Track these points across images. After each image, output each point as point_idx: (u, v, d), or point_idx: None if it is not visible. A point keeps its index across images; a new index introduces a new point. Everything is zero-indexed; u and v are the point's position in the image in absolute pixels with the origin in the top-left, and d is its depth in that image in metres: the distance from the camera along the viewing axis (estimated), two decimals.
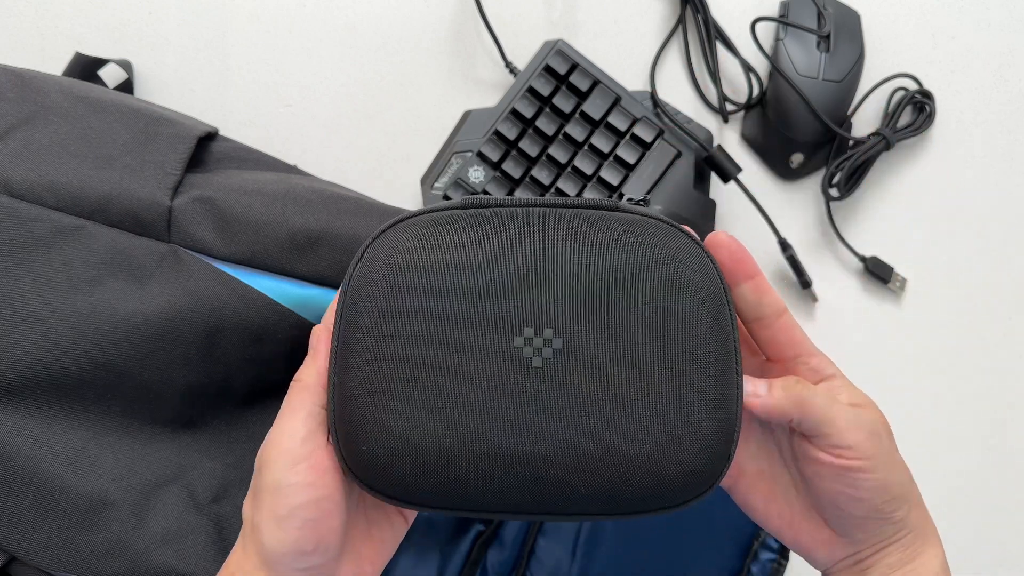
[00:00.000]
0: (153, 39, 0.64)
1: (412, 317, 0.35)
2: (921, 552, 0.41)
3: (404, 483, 0.35)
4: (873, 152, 0.62)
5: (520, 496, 0.35)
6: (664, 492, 0.35)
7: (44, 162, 0.45)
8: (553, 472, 0.35)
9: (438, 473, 0.35)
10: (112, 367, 0.44)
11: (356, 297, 0.36)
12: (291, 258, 0.48)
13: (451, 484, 0.35)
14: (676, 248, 0.36)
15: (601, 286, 0.35)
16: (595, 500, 0.35)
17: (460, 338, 0.35)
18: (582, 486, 0.35)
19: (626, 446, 0.35)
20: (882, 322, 0.64)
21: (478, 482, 0.35)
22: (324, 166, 0.60)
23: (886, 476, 0.38)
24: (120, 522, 0.45)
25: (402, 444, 0.35)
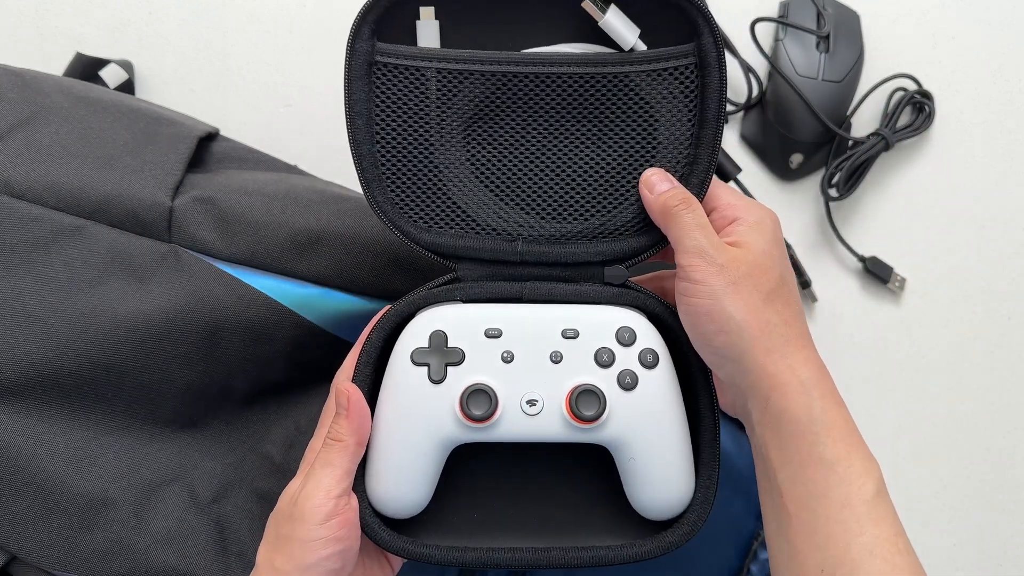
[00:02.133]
0: (154, 39, 0.64)
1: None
2: (777, 404, 0.40)
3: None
4: (872, 152, 0.62)
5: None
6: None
7: (45, 162, 0.46)
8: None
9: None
10: (113, 367, 0.45)
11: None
12: (291, 258, 0.48)
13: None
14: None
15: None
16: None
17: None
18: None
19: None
20: (882, 322, 0.64)
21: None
22: (324, 166, 0.60)
23: (715, 305, 0.40)
24: (121, 522, 0.45)
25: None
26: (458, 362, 0.42)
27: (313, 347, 0.49)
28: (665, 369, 0.43)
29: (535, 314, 0.43)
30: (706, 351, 0.42)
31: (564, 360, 0.42)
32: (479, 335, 0.42)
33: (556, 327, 0.43)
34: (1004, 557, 0.64)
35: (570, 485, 0.46)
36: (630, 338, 0.43)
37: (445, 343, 0.42)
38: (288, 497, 0.40)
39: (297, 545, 0.39)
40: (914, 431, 0.64)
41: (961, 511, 0.64)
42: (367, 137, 0.42)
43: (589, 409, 0.41)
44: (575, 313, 0.43)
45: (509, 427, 0.42)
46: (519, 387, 0.42)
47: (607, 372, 0.42)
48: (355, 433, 0.41)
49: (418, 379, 0.42)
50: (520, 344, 0.42)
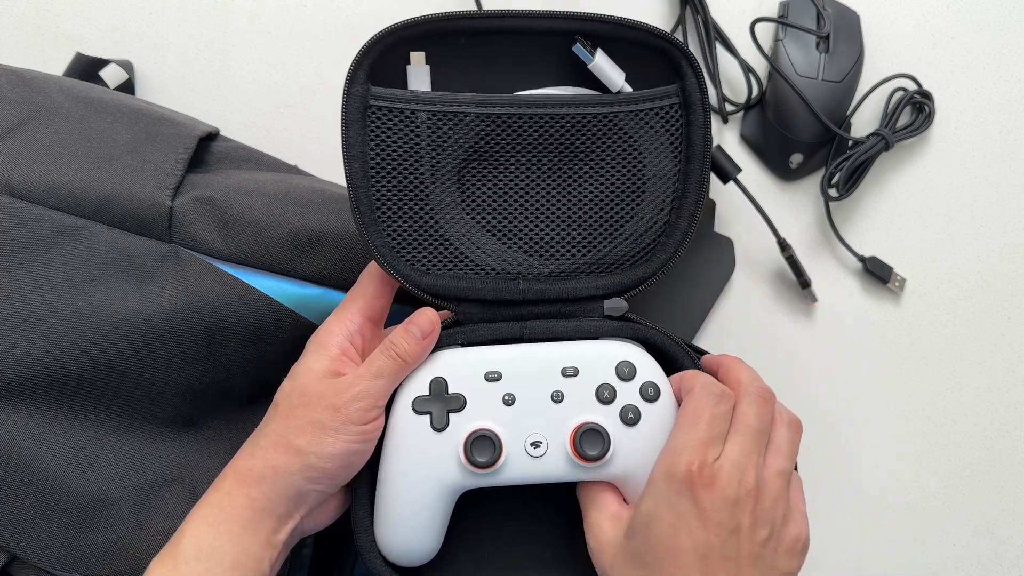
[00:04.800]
0: (154, 39, 0.64)
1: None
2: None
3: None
4: (872, 152, 0.62)
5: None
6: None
7: (45, 162, 0.46)
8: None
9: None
10: (113, 367, 0.45)
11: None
12: (292, 258, 0.48)
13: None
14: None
15: None
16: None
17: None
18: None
19: None
20: (881, 322, 0.64)
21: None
22: (324, 166, 0.60)
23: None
24: (121, 521, 0.45)
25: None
26: (460, 408, 0.42)
27: None
28: (667, 401, 0.43)
29: (534, 354, 0.43)
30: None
31: (565, 399, 0.42)
32: (479, 379, 0.43)
33: (556, 366, 0.43)
34: (1004, 557, 0.64)
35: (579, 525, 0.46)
36: (630, 372, 0.43)
37: (446, 390, 0.42)
38: (330, 384, 0.41)
39: (330, 434, 0.40)
40: (914, 431, 0.64)
41: (961, 511, 0.64)
42: (363, 181, 0.43)
43: (593, 448, 0.41)
44: (573, 350, 0.43)
45: (515, 470, 0.42)
46: (522, 429, 0.42)
47: (609, 408, 0.42)
48: (418, 358, 0.42)
49: (421, 428, 0.42)
50: (521, 386, 0.43)
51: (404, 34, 0.42)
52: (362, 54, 0.42)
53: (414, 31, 0.42)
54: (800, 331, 0.64)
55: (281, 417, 0.41)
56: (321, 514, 0.44)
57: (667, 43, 0.43)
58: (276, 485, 0.40)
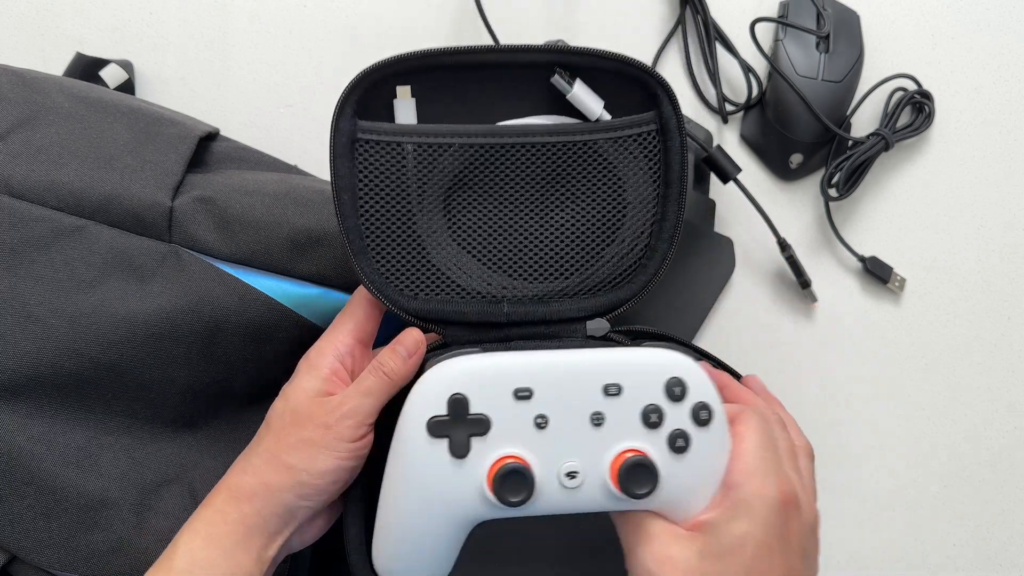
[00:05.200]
0: (154, 39, 0.64)
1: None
2: None
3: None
4: (872, 152, 0.62)
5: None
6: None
7: (45, 162, 0.45)
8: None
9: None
10: (113, 367, 0.45)
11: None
12: (292, 258, 0.48)
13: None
14: None
15: None
16: None
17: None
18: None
19: None
20: (881, 322, 0.64)
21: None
22: (324, 166, 0.60)
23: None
24: (122, 521, 0.45)
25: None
26: (484, 432, 0.38)
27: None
28: (719, 425, 0.38)
29: (571, 367, 0.38)
30: None
31: (606, 422, 0.38)
32: (507, 397, 0.38)
33: (596, 383, 0.38)
34: (1004, 557, 0.64)
35: (588, 549, 0.46)
36: (681, 392, 0.38)
37: (467, 410, 0.38)
38: (321, 404, 0.41)
39: (322, 451, 0.40)
40: (914, 431, 0.64)
41: (961, 511, 0.64)
42: (352, 211, 0.44)
43: (642, 487, 0.37)
44: (616, 362, 0.39)
45: (545, 502, 0.38)
46: (556, 457, 0.37)
47: (656, 434, 0.38)
48: (405, 377, 0.42)
49: (437, 454, 0.37)
50: (555, 406, 0.38)
51: (389, 71, 0.43)
52: (348, 90, 0.43)
53: (399, 67, 0.43)
54: (800, 331, 0.64)
55: (273, 436, 0.42)
56: (308, 531, 0.44)
57: (643, 73, 0.44)
58: (268, 502, 0.40)
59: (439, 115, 0.45)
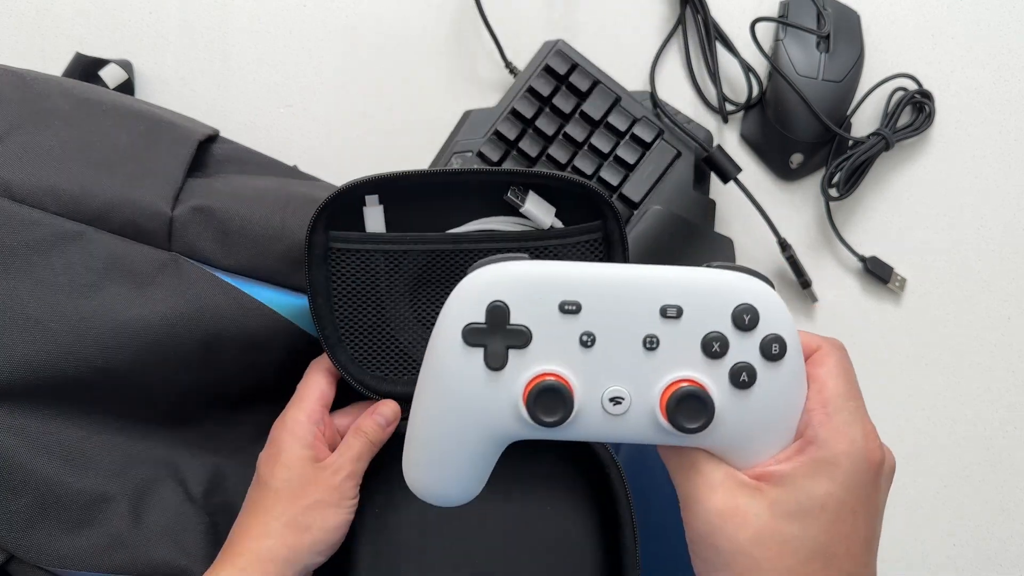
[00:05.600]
0: (153, 39, 0.64)
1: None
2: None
3: None
4: (873, 152, 0.62)
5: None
6: None
7: (45, 166, 0.45)
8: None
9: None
10: (111, 371, 0.45)
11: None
12: (290, 270, 0.49)
13: None
14: None
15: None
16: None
17: None
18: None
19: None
20: (882, 322, 0.64)
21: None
22: (324, 166, 0.60)
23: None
24: (118, 517, 0.45)
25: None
26: (523, 345, 0.34)
27: (308, 356, 0.50)
28: (793, 362, 0.34)
29: (626, 283, 0.34)
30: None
31: (661, 347, 0.33)
32: (551, 309, 0.34)
33: (654, 302, 0.33)
34: (1004, 557, 0.63)
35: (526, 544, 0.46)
36: (751, 321, 0.33)
37: (507, 319, 0.34)
38: (323, 469, 0.46)
39: (332, 510, 0.46)
40: (914, 431, 0.64)
41: (961, 511, 0.64)
42: (327, 311, 0.49)
43: (693, 420, 0.33)
44: (679, 282, 0.34)
45: (585, 427, 0.34)
46: (601, 379, 0.34)
47: (717, 365, 0.33)
48: (383, 440, 0.48)
49: (471, 363, 0.34)
50: (605, 324, 0.34)
51: (360, 191, 0.48)
52: (320, 209, 0.47)
53: (367, 188, 0.48)
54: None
55: (287, 501, 0.45)
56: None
57: (589, 191, 0.48)
58: (290, 560, 0.44)
59: (405, 219, 0.49)
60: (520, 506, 0.51)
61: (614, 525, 0.50)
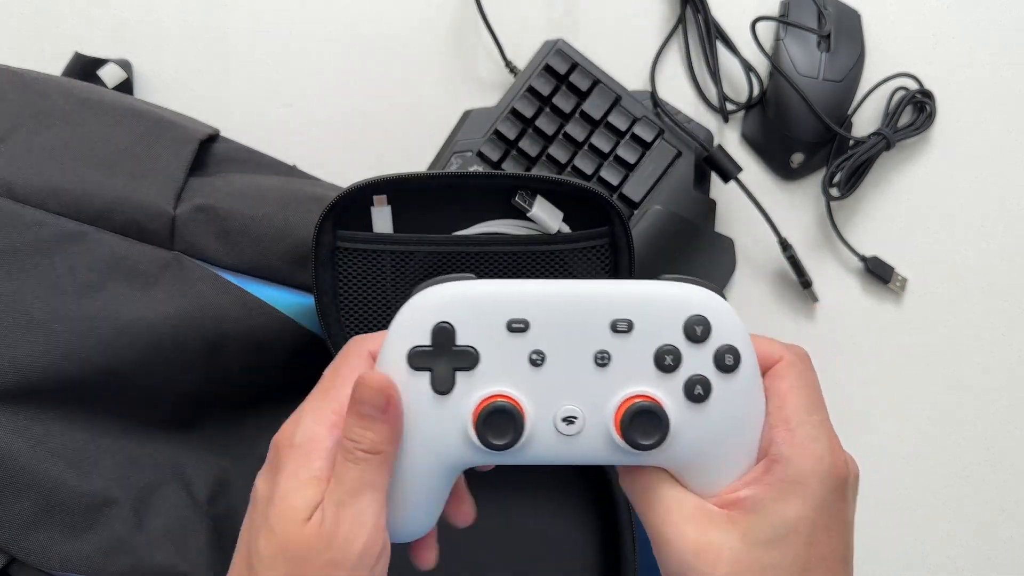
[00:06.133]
0: (153, 39, 0.64)
1: None
2: None
3: None
4: (873, 152, 0.62)
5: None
6: None
7: (47, 166, 0.45)
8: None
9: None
10: (115, 372, 0.44)
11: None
12: (293, 269, 0.49)
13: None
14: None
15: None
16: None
17: None
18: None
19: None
20: (883, 322, 0.64)
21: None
22: (324, 166, 0.60)
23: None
24: (121, 520, 0.45)
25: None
26: (470, 366, 0.33)
27: (312, 355, 0.50)
28: (748, 372, 0.33)
29: (574, 299, 0.33)
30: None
31: (613, 363, 0.33)
32: (499, 329, 0.33)
33: (604, 317, 0.33)
34: (1004, 557, 0.64)
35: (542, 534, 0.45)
36: (703, 332, 0.33)
37: (453, 341, 0.33)
38: (310, 537, 0.31)
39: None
40: (914, 431, 0.64)
41: (961, 511, 0.64)
42: (333, 310, 0.48)
43: (647, 436, 0.32)
44: (629, 296, 0.33)
45: (539, 450, 0.33)
46: (552, 400, 0.33)
47: (671, 378, 0.33)
48: (394, 442, 0.33)
49: (417, 388, 0.33)
50: (554, 341, 0.33)
51: (368, 192, 0.47)
52: (328, 209, 0.46)
53: (376, 188, 0.47)
54: (801, 331, 0.64)
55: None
56: None
57: (598, 197, 0.48)
58: None
59: (413, 219, 0.49)
60: (519, 513, 0.51)
61: (613, 533, 0.50)
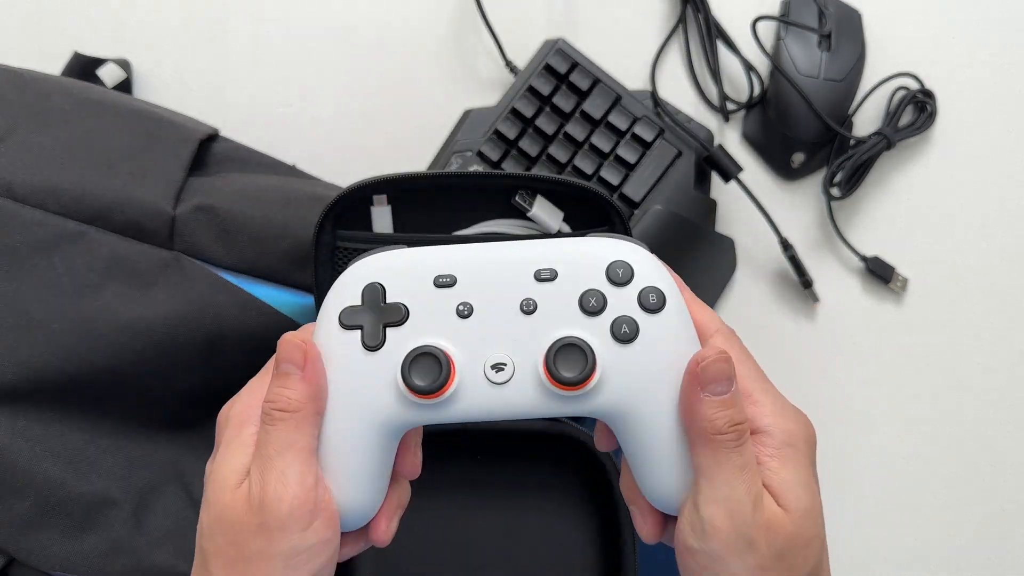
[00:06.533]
0: (152, 38, 0.64)
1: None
2: None
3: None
4: (874, 151, 0.62)
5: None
6: None
7: (46, 166, 0.45)
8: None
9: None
10: (114, 372, 0.44)
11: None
12: (292, 268, 0.49)
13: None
14: None
15: None
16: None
17: None
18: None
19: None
20: (883, 322, 0.64)
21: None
22: (323, 166, 0.60)
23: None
24: (121, 521, 0.45)
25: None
26: (400, 321, 0.33)
27: None
28: (674, 311, 0.33)
29: (499, 254, 0.34)
30: None
31: (539, 309, 0.33)
32: (426, 285, 0.34)
33: (528, 268, 0.33)
34: (1004, 557, 0.63)
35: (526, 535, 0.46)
36: (625, 275, 0.33)
37: (383, 298, 0.33)
38: (239, 503, 0.31)
39: (279, 563, 0.30)
40: (915, 431, 0.64)
41: (961, 511, 0.64)
42: None
43: (571, 369, 0.32)
44: (551, 249, 0.34)
45: (470, 402, 0.33)
46: (481, 349, 0.33)
47: (596, 321, 0.33)
48: (314, 399, 0.32)
49: (348, 346, 0.33)
50: (481, 293, 0.33)
51: (369, 191, 0.47)
52: (329, 208, 0.46)
53: (376, 188, 0.47)
54: (801, 331, 0.64)
55: (217, 565, 0.31)
56: None
57: (596, 196, 0.47)
58: None
59: (413, 219, 0.49)
60: (519, 514, 0.51)
61: (613, 533, 0.50)
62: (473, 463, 0.51)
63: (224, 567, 0.31)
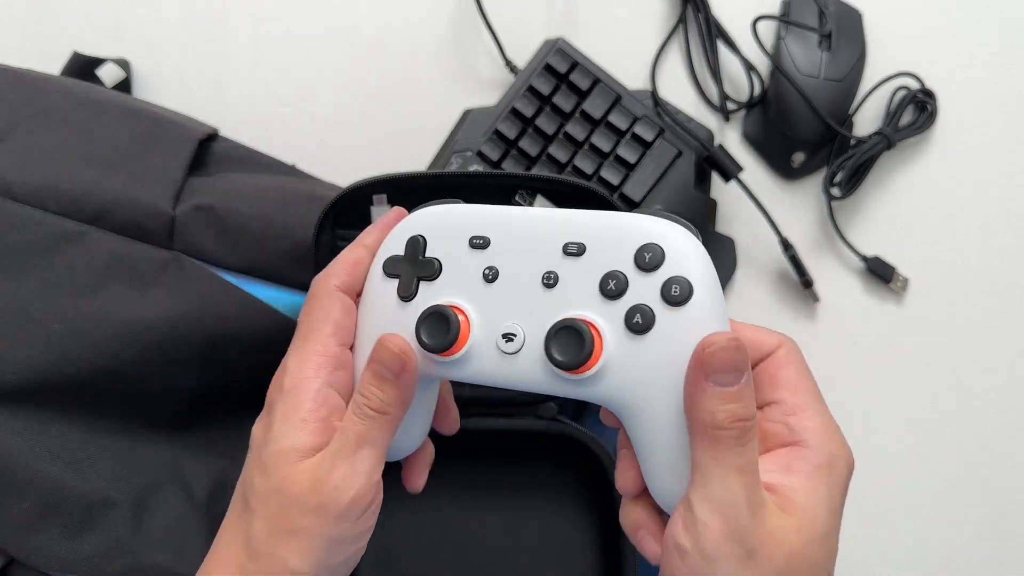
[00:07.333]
0: (152, 38, 0.64)
1: None
2: None
3: None
4: (875, 151, 0.62)
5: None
6: None
7: (46, 166, 0.45)
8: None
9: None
10: (114, 372, 0.44)
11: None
12: (292, 268, 0.49)
13: None
14: None
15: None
16: None
17: None
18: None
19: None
20: (884, 322, 0.64)
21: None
22: (323, 165, 0.60)
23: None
24: (120, 522, 0.45)
25: None
26: (432, 276, 0.34)
27: None
28: (701, 307, 0.30)
29: (536, 219, 0.33)
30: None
31: (560, 285, 0.32)
32: (462, 244, 0.34)
33: (558, 239, 0.32)
34: (1004, 557, 0.63)
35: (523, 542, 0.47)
36: (653, 260, 0.31)
37: (422, 251, 0.34)
38: (302, 479, 0.32)
39: (323, 543, 0.32)
40: (915, 431, 0.64)
41: (961, 511, 0.64)
42: None
43: (566, 353, 0.31)
44: (586, 222, 0.33)
45: (480, 366, 0.33)
46: (497, 316, 0.33)
47: (614, 305, 0.31)
48: (403, 404, 0.33)
49: (387, 294, 0.35)
50: (509, 259, 0.33)
51: (369, 191, 0.47)
52: (329, 207, 0.46)
53: (377, 187, 0.47)
54: (802, 331, 0.64)
55: (262, 524, 0.32)
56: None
57: (596, 195, 0.48)
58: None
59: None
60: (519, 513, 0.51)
61: (613, 533, 0.50)
62: (473, 463, 0.51)
63: (268, 530, 0.32)
